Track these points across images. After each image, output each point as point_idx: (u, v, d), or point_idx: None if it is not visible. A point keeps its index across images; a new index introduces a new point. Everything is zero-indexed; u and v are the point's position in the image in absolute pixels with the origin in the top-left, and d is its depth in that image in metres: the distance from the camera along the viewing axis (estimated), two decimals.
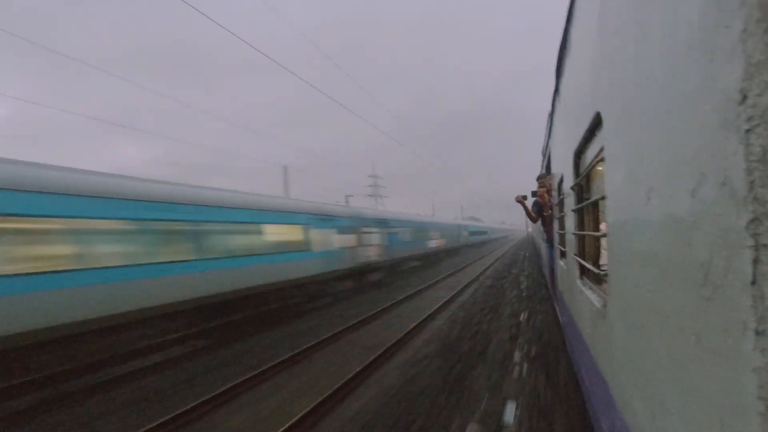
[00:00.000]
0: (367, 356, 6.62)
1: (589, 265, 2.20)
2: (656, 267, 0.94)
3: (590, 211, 2.32)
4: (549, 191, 5.45)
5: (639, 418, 1.12)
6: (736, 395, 0.60)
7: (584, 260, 2.37)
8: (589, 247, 2.37)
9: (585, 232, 2.34)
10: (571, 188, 2.61)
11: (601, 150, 1.65)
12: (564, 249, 3.66)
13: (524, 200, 6.02)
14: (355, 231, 14.86)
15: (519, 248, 36.63)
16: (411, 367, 5.82)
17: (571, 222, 2.76)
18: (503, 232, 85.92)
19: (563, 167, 3.22)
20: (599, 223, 2.18)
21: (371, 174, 55.50)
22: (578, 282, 2.49)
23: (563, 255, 3.85)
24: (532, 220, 6.74)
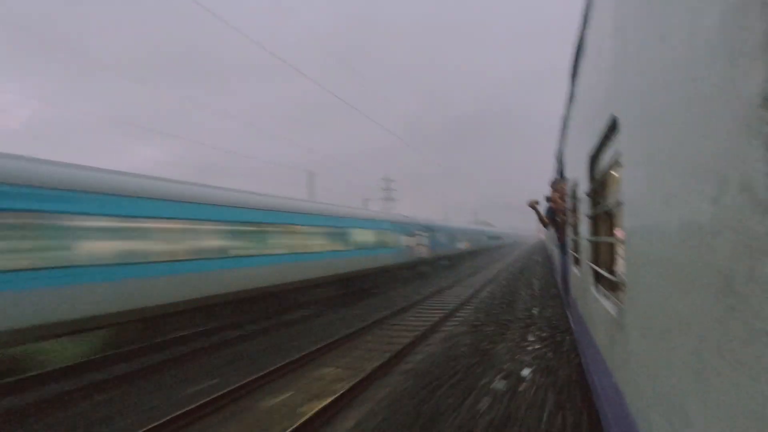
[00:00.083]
0: (428, 322, 9.95)
1: (604, 272, 2.16)
2: (676, 274, 0.92)
3: (605, 217, 2.29)
4: (563, 196, 5.38)
5: (656, 430, 1.09)
6: (760, 406, 0.58)
7: (599, 267, 2.33)
8: (604, 254, 2.33)
9: (600, 239, 2.31)
10: (586, 193, 2.57)
11: (618, 155, 1.62)
12: (578, 255, 3.61)
13: (537, 205, 5.95)
14: (413, 234, 19.74)
15: (531, 253, 37.62)
16: (445, 341, 7.45)
17: (586, 228, 2.72)
18: (516, 237, 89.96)
19: (577, 172, 3.18)
20: (615, 230, 2.14)
21: (384, 177, 55.74)
22: (592, 289, 2.44)
23: (577, 261, 3.79)
24: (545, 226, 6.65)
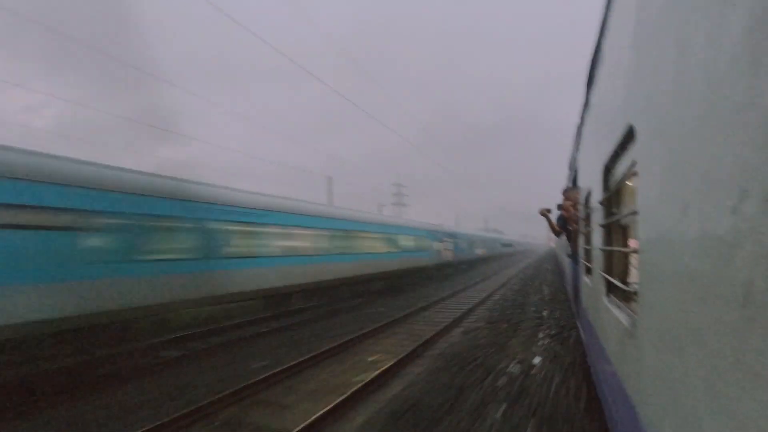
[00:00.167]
0: (452, 315, 11.13)
1: (617, 282, 2.13)
2: (692, 285, 0.91)
3: (619, 227, 2.26)
4: (575, 205, 5.32)
5: None
6: None
7: (611, 277, 2.30)
8: (617, 264, 2.30)
9: (613, 248, 2.28)
10: (600, 203, 2.55)
11: (634, 164, 1.61)
12: (590, 265, 3.56)
13: (548, 213, 5.90)
14: (441, 240, 23.88)
15: (541, 261, 38.63)
16: (468, 333, 8.49)
17: (599, 237, 2.69)
18: (526, 245, 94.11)
19: (591, 181, 3.16)
20: (628, 239, 2.12)
21: (395, 182, 55.96)
22: (604, 299, 2.41)
23: (588, 271, 3.75)
24: (556, 234, 6.59)
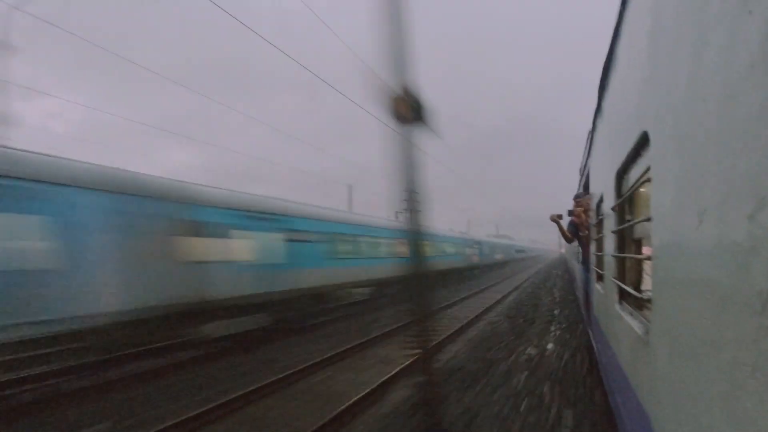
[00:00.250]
0: (474, 312, 12.48)
1: (630, 289, 2.11)
2: (708, 293, 0.91)
3: (632, 233, 2.24)
4: (586, 211, 5.27)
5: None
6: None
7: (624, 284, 2.28)
8: (630, 271, 2.28)
9: (626, 255, 2.26)
10: (612, 209, 2.52)
11: (647, 170, 1.60)
12: (601, 272, 3.52)
13: (560, 219, 5.86)
14: (470, 246, 29.28)
15: (552, 267, 39.90)
16: (491, 324, 10.26)
17: (611, 244, 2.66)
18: (537, 251, 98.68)
19: (603, 187, 3.13)
20: (642, 246, 2.09)
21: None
22: (617, 306, 2.39)
23: (600, 278, 3.70)
24: (567, 241, 6.52)
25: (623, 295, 2.36)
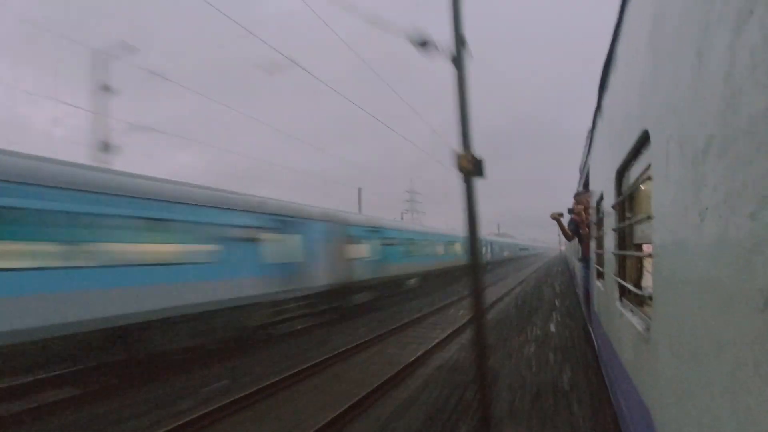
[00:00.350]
0: (487, 301, 12.81)
1: (631, 287, 2.12)
2: (709, 291, 0.91)
3: (632, 231, 2.25)
4: (586, 209, 5.28)
5: None
6: None
7: (625, 281, 2.29)
8: (631, 268, 2.29)
9: (626, 252, 2.26)
10: (612, 207, 2.53)
11: (648, 168, 1.61)
12: (602, 269, 3.53)
13: (560, 218, 5.86)
14: (486, 246, 30.80)
15: (552, 264, 43.46)
16: (502, 311, 11.96)
17: (611, 241, 2.67)
18: (539, 249, 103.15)
19: (603, 185, 3.14)
20: (642, 243, 2.10)
21: (409, 189, 56.68)
22: (617, 304, 2.40)
23: (600, 275, 3.71)
24: (568, 239, 6.53)
25: (624, 293, 2.37)
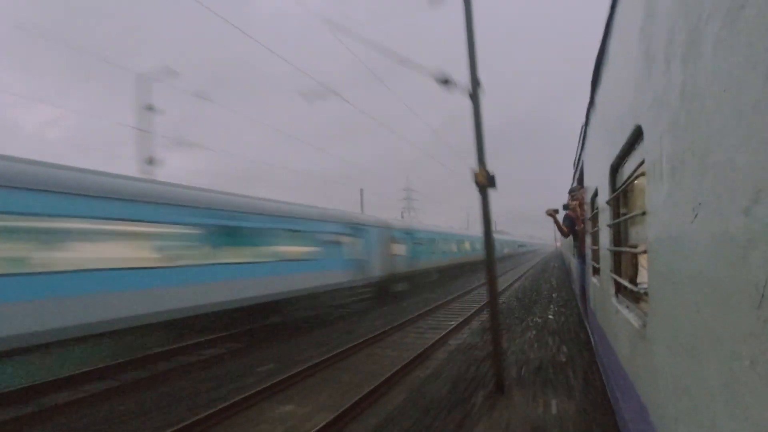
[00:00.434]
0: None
1: (626, 283, 2.12)
2: (705, 286, 0.91)
3: (628, 227, 2.25)
4: (581, 204, 5.30)
5: None
6: None
7: (620, 277, 2.29)
8: (626, 264, 2.29)
9: (622, 248, 2.27)
10: (607, 203, 2.53)
11: (642, 164, 1.60)
12: (597, 265, 3.54)
13: (555, 214, 5.88)
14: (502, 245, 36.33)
15: (548, 260, 46.44)
16: (504, 303, 12.59)
17: (606, 237, 2.67)
18: (535, 246, 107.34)
19: (598, 180, 3.14)
20: (637, 239, 2.10)
21: (406, 188, 57.40)
22: (613, 300, 2.40)
23: (596, 271, 3.72)
24: (564, 235, 6.55)
25: (619, 289, 2.37)
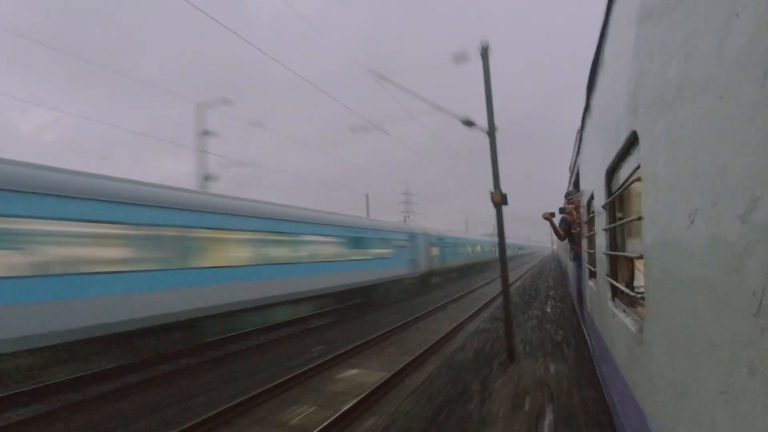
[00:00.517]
0: (492, 293, 17.67)
1: (623, 287, 2.12)
2: (702, 292, 0.91)
3: (624, 231, 2.25)
4: (577, 208, 5.32)
5: None
6: None
7: (616, 281, 2.29)
8: (622, 269, 2.29)
9: (618, 253, 2.27)
10: (603, 207, 2.54)
11: (637, 169, 1.61)
12: (594, 269, 3.55)
13: (552, 217, 5.90)
14: (496, 246, 32.47)
15: (545, 262, 49.14)
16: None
17: (603, 241, 2.68)
18: (533, 248, 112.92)
19: (593, 184, 3.15)
20: (633, 244, 2.11)
21: (404, 191, 57.77)
22: (610, 304, 2.40)
23: (593, 275, 3.73)
24: (560, 238, 6.57)
25: (616, 293, 2.37)
